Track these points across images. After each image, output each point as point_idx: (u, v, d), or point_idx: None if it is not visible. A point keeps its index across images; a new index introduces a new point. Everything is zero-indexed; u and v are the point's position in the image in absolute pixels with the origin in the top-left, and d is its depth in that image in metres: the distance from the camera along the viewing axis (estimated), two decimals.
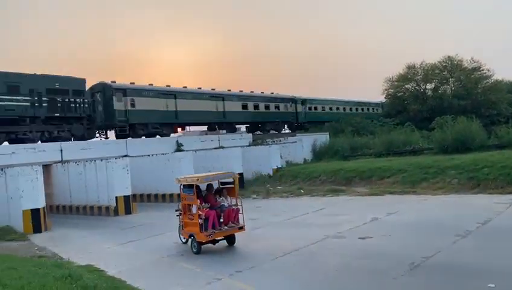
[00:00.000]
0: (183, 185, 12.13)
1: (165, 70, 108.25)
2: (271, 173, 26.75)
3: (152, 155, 24.62)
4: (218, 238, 11.76)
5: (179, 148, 26.73)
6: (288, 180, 25.36)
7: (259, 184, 25.21)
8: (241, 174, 25.27)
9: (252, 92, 36.77)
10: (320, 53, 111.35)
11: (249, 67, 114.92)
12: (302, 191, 22.23)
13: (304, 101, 41.07)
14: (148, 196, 24.15)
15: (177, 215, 12.71)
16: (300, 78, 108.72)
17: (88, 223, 18.91)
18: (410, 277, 8.59)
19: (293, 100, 39.93)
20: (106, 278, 9.58)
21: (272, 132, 37.19)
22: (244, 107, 34.47)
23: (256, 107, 35.72)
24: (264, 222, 15.48)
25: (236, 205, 12.24)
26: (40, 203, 17.29)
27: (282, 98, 39.23)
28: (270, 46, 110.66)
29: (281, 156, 28.23)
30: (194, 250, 11.64)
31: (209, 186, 12.39)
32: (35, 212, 16.97)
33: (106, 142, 24.52)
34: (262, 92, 37.95)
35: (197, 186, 11.68)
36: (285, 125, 39.98)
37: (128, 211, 20.35)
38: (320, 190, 21.65)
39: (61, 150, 21.82)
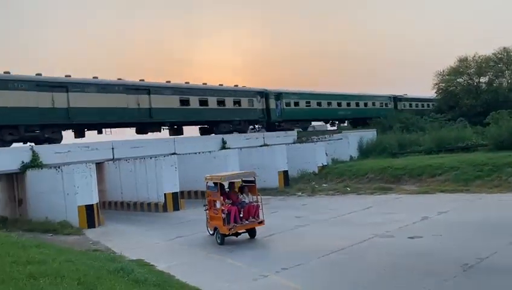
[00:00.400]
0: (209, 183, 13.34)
1: (209, 71, 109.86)
2: (316, 171, 26.52)
3: (199, 153, 25.10)
4: (240, 231, 12.79)
5: (224, 146, 27.09)
6: (334, 178, 25.05)
7: (304, 182, 25.08)
8: (285, 172, 25.27)
9: (205, 83, 29.00)
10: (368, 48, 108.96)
11: (294, 65, 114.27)
12: (348, 189, 21.89)
13: (278, 96, 32.64)
14: (196, 192, 24.62)
15: (205, 210, 13.71)
16: (351, 75, 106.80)
17: (138, 219, 19.57)
18: (464, 278, 8.25)
19: (263, 94, 31.65)
20: (156, 272, 9.88)
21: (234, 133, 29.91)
22: (185, 102, 26.35)
23: (203, 103, 27.37)
24: (309, 219, 15.38)
25: (256, 201, 13.25)
26: (94, 199, 18.09)
27: (246, 92, 30.75)
28: (312, 43, 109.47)
29: (326, 154, 27.93)
30: (218, 241, 12.74)
31: (232, 184, 13.54)
32: (89, 208, 17.75)
33: (155, 141, 25.23)
34: (221, 85, 30.04)
35: (221, 184, 12.85)
36: (257, 126, 32.69)
37: (176, 208, 20.88)
38: (368, 188, 21.23)
39: (112, 149, 22.68)
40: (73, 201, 17.66)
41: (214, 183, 13.02)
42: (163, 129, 26.89)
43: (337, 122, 40.87)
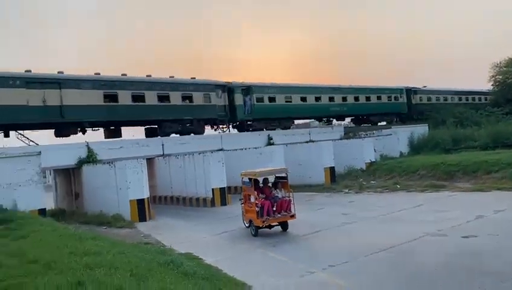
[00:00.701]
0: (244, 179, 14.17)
1: (255, 69, 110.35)
2: (364, 167, 26.01)
3: (245, 149, 25.31)
4: (273, 223, 13.49)
5: (269, 142, 27.15)
6: (382, 174, 24.45)
7: (351, 178, 24.66)
8: (332, 168, 24.96)
9: (150, 75, 24.36)
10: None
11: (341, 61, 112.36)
12: (398, 186, 21.29)
13: (248, 90, 27.75)
14: (242, 188, 24.89)
15: (241, 204, 14.57)
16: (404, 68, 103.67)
17: (187, 214, 20.05)
18: None
19: (224, 88, 26.74)
20: (204, 266, 10.09)
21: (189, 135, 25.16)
22: (111, 98, 21.96)
23: (137, 98, 22.78)
24: (357, 217, 15.12)
25: (288, 196, 13.88)
26: (145, 194, 18.73)
27: (199, 85, 25.68)
28: (358, 38, 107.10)
29: (374, 150, 27.32)
30: (253, 233, 13.52)
31: (265, 180, 14.29)
32: (140, 202, 18.42)
33: (203, 137, 25.72)
34: (172, 77, 25.00)
35: (255, 180, 13.69)
36: (221, 125, 27.41)
37: (223, 203, 21.21)
38: (419, 185, 20.54)
39: (162, 145, 23.36)
40: (126, 195, 18.36)
41: (248, 179, 13.81)
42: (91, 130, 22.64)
43: (334, 120, 36.56)
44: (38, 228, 11.89)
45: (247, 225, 14.08)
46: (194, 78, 26.25)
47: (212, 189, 21.23)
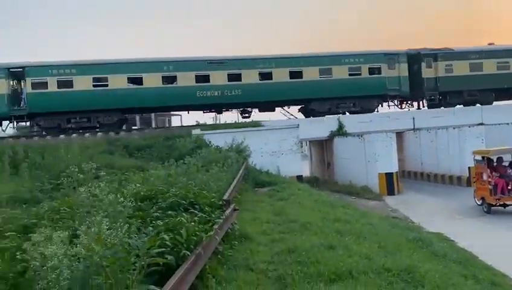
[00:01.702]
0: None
1: None
2: None
3: None
4: (508, 202, 13.30)
5: None
6: None
7: None
8: None
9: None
10: None
11: None
12: None
13: (20, 73, 20.00)
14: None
15: (473, 182, 14.86)
16: None
17: (438, 191, 18.90)
18: None
19: None
20: (457, 249, 9.37)
21: None
22: None
23: None
24: None
25: None
26: (394, 167, 18.66)
27: None
28: None
29: None
30: (485, 210, 13.62)
31: (499, 158, 14.11)
32: (389, 176, 18.46)
33: (459, 110, 23.51)
34: None
35: (488, 158, 13.80)
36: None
37: None
38: None
39: (413, 118, 22.53)
40: (374, 168, 18.72)
41: (481, 157, 14.07)
42: None
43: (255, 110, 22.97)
44: (297, 192, 13.31)
45: (479, 203, 14.10)
46: None
47: (469, 167, 19.22)
